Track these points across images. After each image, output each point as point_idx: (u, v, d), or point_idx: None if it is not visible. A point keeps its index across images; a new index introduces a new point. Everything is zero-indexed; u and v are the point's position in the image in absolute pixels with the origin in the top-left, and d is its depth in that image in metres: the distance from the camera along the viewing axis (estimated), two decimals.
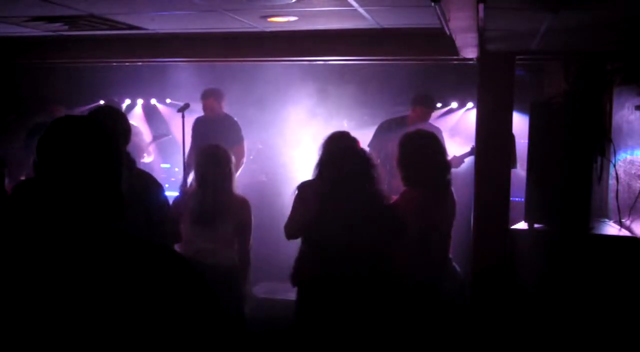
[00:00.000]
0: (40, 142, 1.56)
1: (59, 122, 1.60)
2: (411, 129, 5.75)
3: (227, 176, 4.15)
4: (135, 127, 7.24)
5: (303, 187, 3.76)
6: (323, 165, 3.42)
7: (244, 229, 4.17)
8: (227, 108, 6.71)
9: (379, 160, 6.04)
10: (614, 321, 3.66)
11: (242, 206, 4.19)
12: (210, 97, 6.40)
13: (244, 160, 6.45)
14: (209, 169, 4.13)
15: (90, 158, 1.55)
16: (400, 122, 6.14)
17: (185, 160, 6.39)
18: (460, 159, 5.89)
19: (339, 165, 3.30)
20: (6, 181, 4.75)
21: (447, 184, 3.86)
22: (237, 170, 5.54)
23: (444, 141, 4.46)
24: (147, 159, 7.28)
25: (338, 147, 3.59)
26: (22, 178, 4.64)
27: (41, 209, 1.52)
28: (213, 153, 4.21)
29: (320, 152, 3.73)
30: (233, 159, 4.25)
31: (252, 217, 4.22)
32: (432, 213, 3.71)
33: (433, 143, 3.87)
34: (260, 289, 5.59)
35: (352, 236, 3.18)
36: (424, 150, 3.79)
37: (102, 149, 1.58)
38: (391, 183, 5.51)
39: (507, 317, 4.06)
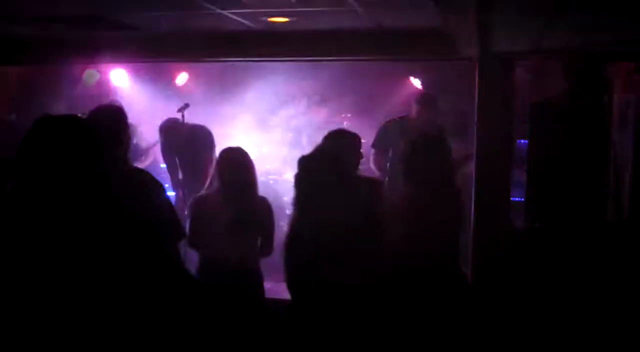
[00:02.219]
0: (20, 144, 1.54)
1: (39, 123, 1.58)
2: (413, 128, 5.85)
3: (255, 179, 4.10)
4: (135, 127, 7.23)
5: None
6: (297, 168, 3.42)
7: (268, 232, 4.11)
8: (227, 108, 6.71)
9: (383, 161, 6.09)
10: (614, 321, 3.66)
11: (267, 210, 4.10)
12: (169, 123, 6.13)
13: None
14: (239, 174, 4.05)
15: (70, 158, 1.53)
16: (402, 122, 6.12)
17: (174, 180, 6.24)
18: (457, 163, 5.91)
19: (304, 168, 3.29)
20: (10, 183, 4.73)
21: (452, 184, 3.87)
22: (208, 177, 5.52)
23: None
24: (147, 161, 7.25)
25: (311, 150, 3.58)
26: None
27: (23, 209, 1.51)
28: (239, 156, 4.12)
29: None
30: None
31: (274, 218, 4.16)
32: (437, 214, 3.70)
33: (441, 145, 3.88)
34: None
35: (321, 240, 3.17)
36: (432, 151, 3.80)
37: (82, 149, 1.56)
38: (393, 183, 5.52)
39: (507, 316, 4.06)
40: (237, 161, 4.11)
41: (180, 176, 6.14)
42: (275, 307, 4.90)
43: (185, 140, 5.90)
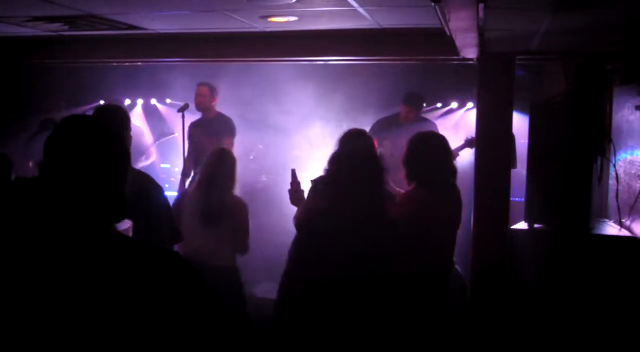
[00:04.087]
0: (48, 142, 1.55)
1: (67, 122, 1.59)
2: (407, 126, 5.92)
3: (231, 178, 4.22)
4: (137, 127, 7.24)
5: (316, 181, 3.86)
6: (332, 162, 3.41)
7: (242, 230, 4.22)
8: (227, 108, 6.70)
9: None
10: (614, 321, 3.66)
11: (240, 208, 4.25)
12: (205, 85, 6.35)
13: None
14: (214, 170, 4.21)
15: (99, 160, 1.54)
16: (392, 120, 6.23)
17: (184, 165, 6.38)
18: (455, 152, 5.92)
19: (346, 164, 3.28)
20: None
21: (453, 186, 3.87)
22: None
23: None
24: (147, 161, 7.27)
25: (349, 147, 3.59)
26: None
27: (43, 210, 1.51)
28: (218, 154, 4.31)
29: (335, 148, 3.81)
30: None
31: (249, 219, 4.27)
32: (438, 213, 3.71)
33: (443, 145, 3.89)
34: (261, 289, 5.58)
35: (347, 235, 3.16)
36: (434, 151, 3.80)
37: (110, 151, 1.57)
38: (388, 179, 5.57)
39: (507, 317, 4.06)
40: (215, 159, 4.28)
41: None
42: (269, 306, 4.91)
43: (206, 127, 6.18)
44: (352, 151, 3.45)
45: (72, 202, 1.51)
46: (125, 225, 2.90)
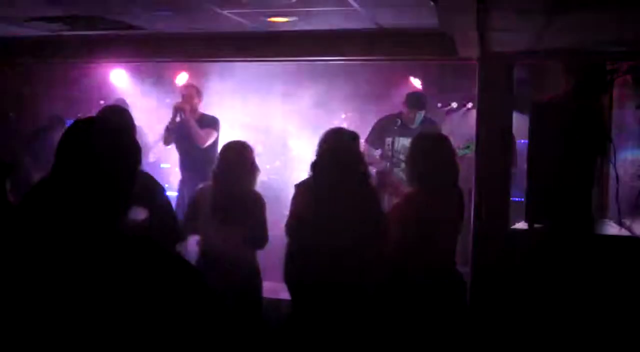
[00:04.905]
0: (60, 145, 1.55)
1: (80, 123, 1.60)
2: (410, 126, 5.96)
3: (247, 171, 4.14)
4: (140, 127, 7.23)
5: (300, 186, 3.83)
6: (314, 164, 3.43)
7: (256, 225, 4.14)
8: (227, 107, 6.71)
9: (378, 157, 6.18)
10: (614, 321, 3.66)
11: (254, 202, 4.16)
12: (192, 87, 6.33)
13: (211, 140, 6.18)
14: (227, 163, 4.12)
15: (112, 162, 1.55)
16: (396, 119, 6.23)
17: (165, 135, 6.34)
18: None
19: (327, 165, 3.30)
20: (8, 184, 4.74)
21: (455, 186, 3.87)
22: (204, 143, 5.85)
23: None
24: (152, 158, 7.27)
25: (328, 147, 3.60)
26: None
27: (52, 209, 1.51)
28: (236, 151, 4.20)
29: (316, 150, 3.80)
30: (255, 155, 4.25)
31: (267, 214, 4.18)
32: (439, 213, 3.71)
33: (445, 145, 3.89)
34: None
35: (336, 235, 3.18)
36: (437, 151, 3.80)
37: (123, 153, 1.58)
38: (390, 179, 5.58)
39: (507, 317, 4.06)
40: (231, 154, 4.18)
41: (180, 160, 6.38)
42: (274, 306, 4.92)
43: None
44: (328, 152, 3.44)
45: (81, 202, 1.51)
46: (142, 215, 2.89)
